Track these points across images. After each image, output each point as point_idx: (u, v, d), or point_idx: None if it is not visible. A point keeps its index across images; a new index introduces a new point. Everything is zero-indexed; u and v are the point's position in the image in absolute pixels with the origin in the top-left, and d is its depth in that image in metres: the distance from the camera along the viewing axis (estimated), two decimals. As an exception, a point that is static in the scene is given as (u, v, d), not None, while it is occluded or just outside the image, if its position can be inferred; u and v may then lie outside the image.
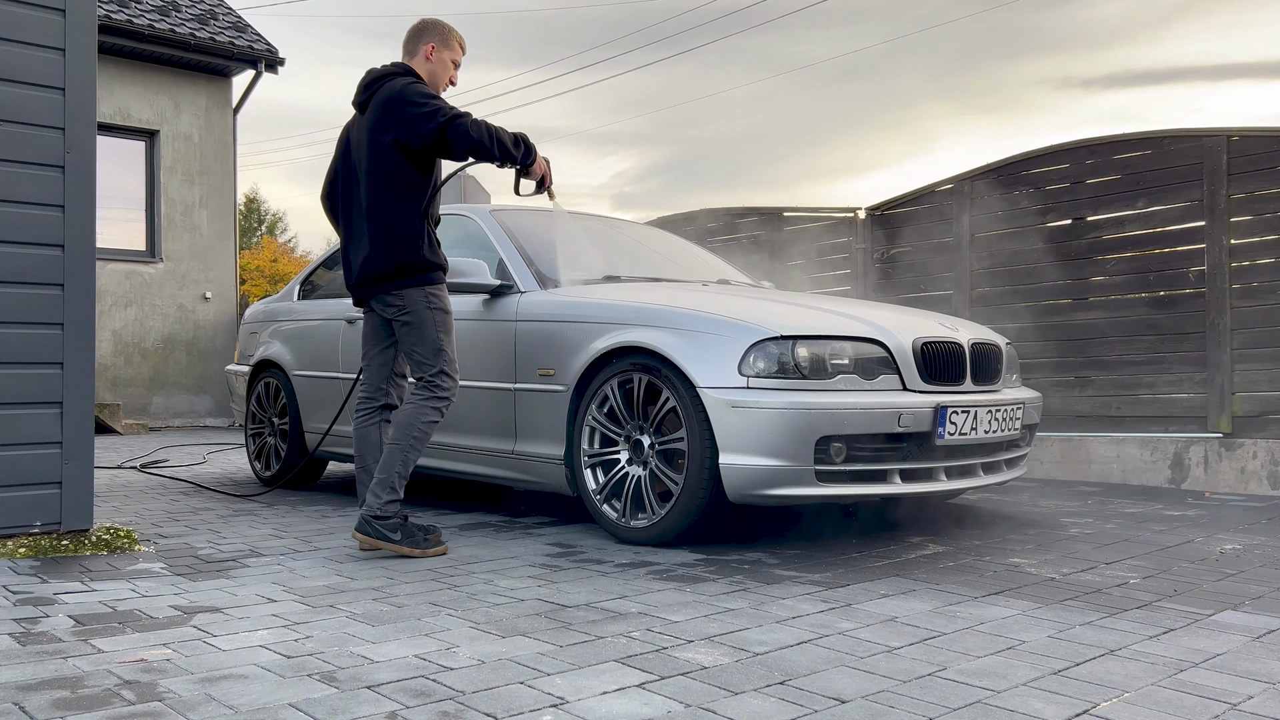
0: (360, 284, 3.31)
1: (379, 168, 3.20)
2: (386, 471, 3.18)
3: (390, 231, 3.21)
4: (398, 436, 3.20)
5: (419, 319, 3.23)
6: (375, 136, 3.20)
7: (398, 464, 3.18)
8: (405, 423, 3.20)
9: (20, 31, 3.16)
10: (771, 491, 3.09)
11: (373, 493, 3.17)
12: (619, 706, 1.75)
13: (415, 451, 3.20)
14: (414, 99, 3.15)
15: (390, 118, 3.17)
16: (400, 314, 3.25)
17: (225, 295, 10.67)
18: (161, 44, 9.86)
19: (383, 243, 3.22)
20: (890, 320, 3.48)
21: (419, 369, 3.26)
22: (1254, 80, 64.30)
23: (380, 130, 3.19)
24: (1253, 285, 5.07)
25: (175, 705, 1.74)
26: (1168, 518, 4.07)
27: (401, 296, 3.24)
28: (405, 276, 3.22)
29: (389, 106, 3.18)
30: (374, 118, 3.22)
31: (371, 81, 3.29)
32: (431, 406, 3.22)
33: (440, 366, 3.24)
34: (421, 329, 3.23)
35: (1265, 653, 2.10)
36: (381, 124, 3.19)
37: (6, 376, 3.12)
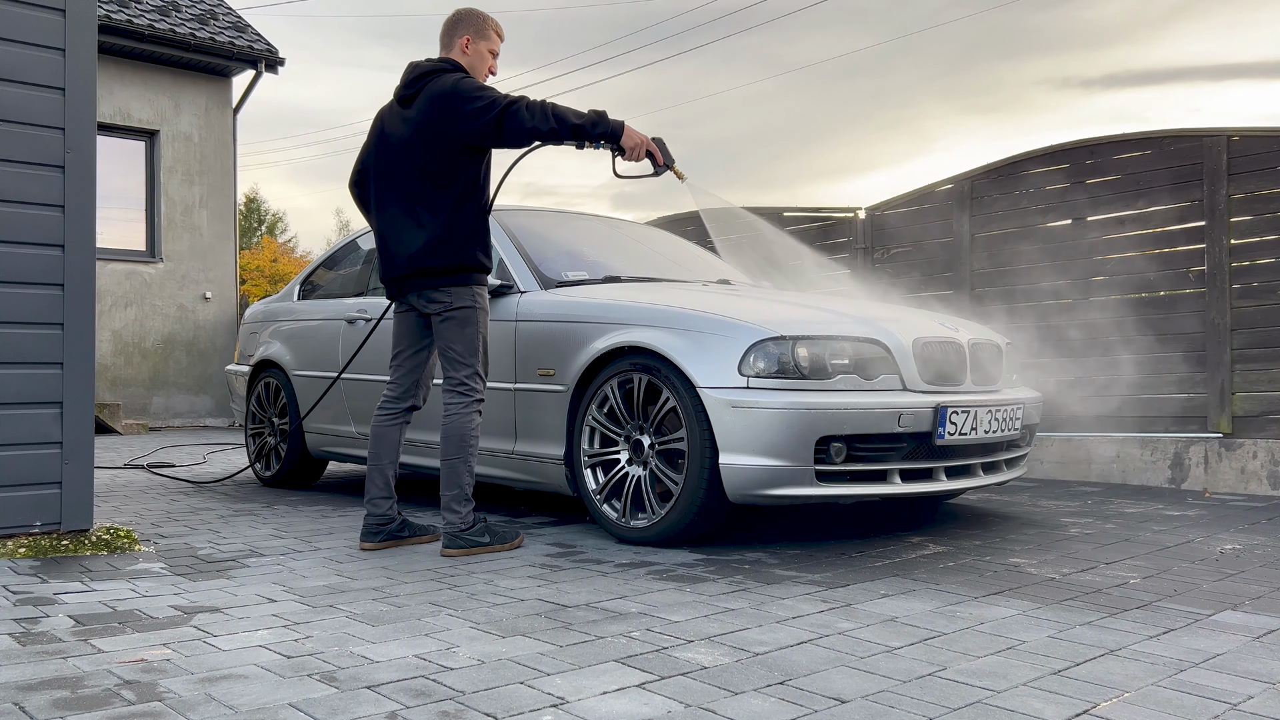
0: (404, 278, 3.22)
1: (431, 162, 3.15)
2: (456, 486, 3.19)
3: (445, 227, 3.15)
4: (454, 452, 3.18)
5: (463, 317, 3.19)
6: (426, 131, 3.14)
7: (465, 477, 3.20)
8: (457, 437, 3.18)
9: (20, 31, 3.16)
10: (771, 491, 3.09)
11: (451, 509, 3.19)
12: (619, 706, 1.75)
13: (473, 459, 3.22)
14: (467, 93, 3.09)
15: (444, 114, 3.11)
16: (445, 310, 3.19)
17: (225, 295, 10.68)
18: (161, 44, 9.86)
19: (436, 238, 3.15)
20: (890, 320, 3.48)
21: (452, 367, 3.21)
22: (1253, 80, 64.33)
23: (432, 125, 3.13)
24: (1253, 285, 5.07)
25: (175, 705, 1.74)
26: (1168, 518, 4.07)
27: (449, 293, 3.18)
28: (456, 274, 3.17)
29: (442, 102, 3.11)
30: (424, 112, 3.15)
31: (418, 76, 3.21)
32: (473, 413, 3.21)
33: (475, 368, 3.22)
34: (463, 327, 3.19)
35: (1265, 653, 2.10)
36: (434, 119, 3.12)
37: (6, 376, 3.12)
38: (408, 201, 3.19)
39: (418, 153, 3.16)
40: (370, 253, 4.93)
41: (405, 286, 3.24)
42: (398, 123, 3.24)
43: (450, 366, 3.23)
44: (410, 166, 3.18)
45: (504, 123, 3.05)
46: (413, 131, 3.17)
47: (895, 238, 6.56)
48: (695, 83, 65.86)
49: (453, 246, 3.16)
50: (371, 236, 4.96)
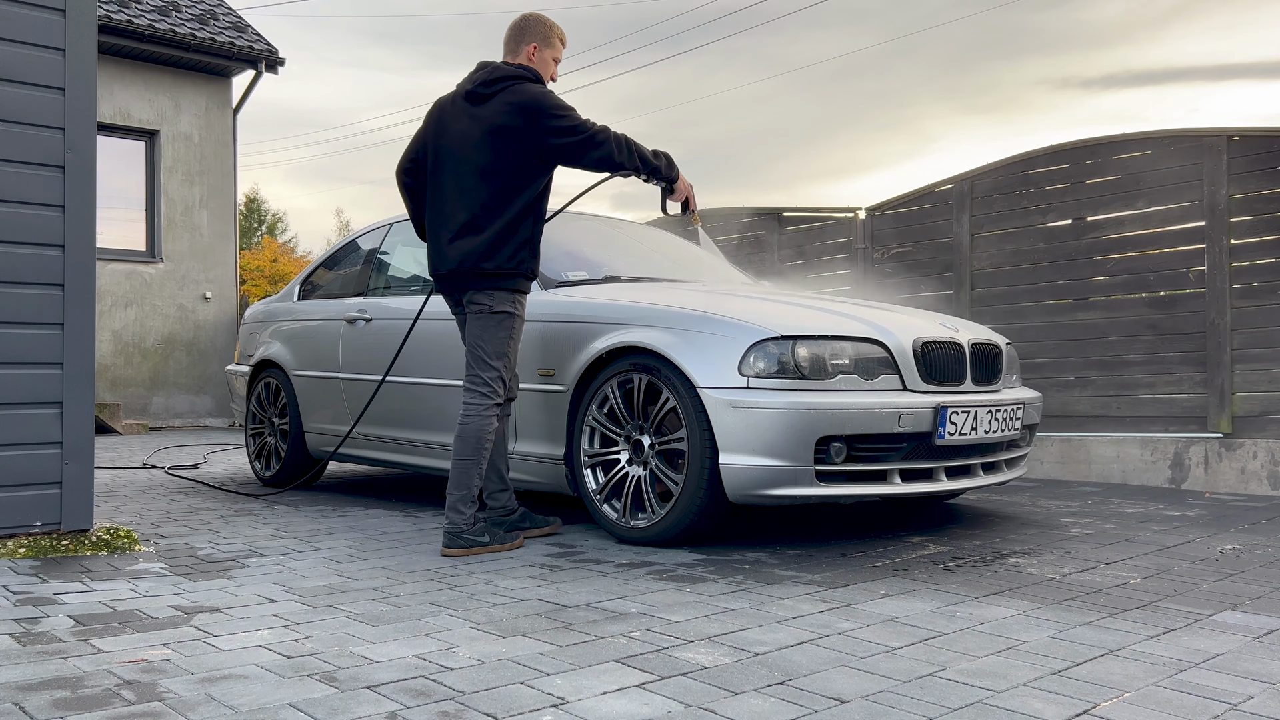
0: (457, 276, 3.22)
1: (498, 164, 3.16)
2: (465, 487, 3.20)
3: (504, 231, 3.17)
4: (468, 453, 3.19)
5: (499, 320, 3.21)
6: (501, 134, 3.15)
7: (475, 478, 3.21)
8: (474, 438, 3.19)
9: (20, 31, 3.16)
10: (771, 491, 3.09)
11: (455, 510, 3.19)
12: (619, 706, 1.75)
13: (485, 460, 3.23)
14: (555, 110, 3.14)
15: (527, 123, 3.14)
16: (484, 310, 3.20)
17: (225, 295, 10.68)
18: (161, 44, 9.86)
19: (494, 241, 3.16)
20: (890, 320, 3.48)
21: (478, 365, 3.22)
22: (1253, 80, 64.32)
23: (510, 130, 3.14)
24: (1253, 285, 5.07)
25: (175, 705, 1.74)
26: (1168, 518, 4.07)
27: (492, 296, 3.20)
28: (506, 278, 3.20)
29: (525, 112, 3.14)
30: (502, 115, 3.15)
31: (497, 79, 3.21)
32: (491, 416, 3.22)
33: (500, 371, 3.22)
34: (497, 329, 3.21)
35: (1265, 653, 2.10)
36: (513, 125, 3.14)
37: (6, 376, 3.12)
38: (468, 199, 3.19)
39: (485, 152, 3.17)
40: (371, 253, 4.93)
41: (456, 285, 3.26)
42: (464, 119, 3.22)
43: (476, 364, 3.23)
44: (474, 164, 3.18)
45: (589, 149, 3.16)
46: (484, 131, 3.17)
47: (895, 238, 6.56)
48: (695, 83, 65.89)
49: (508, 251, 3.18)
50: (371, 237, 4.98)
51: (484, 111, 3.19)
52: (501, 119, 3.15)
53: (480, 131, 3.18)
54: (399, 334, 4.36)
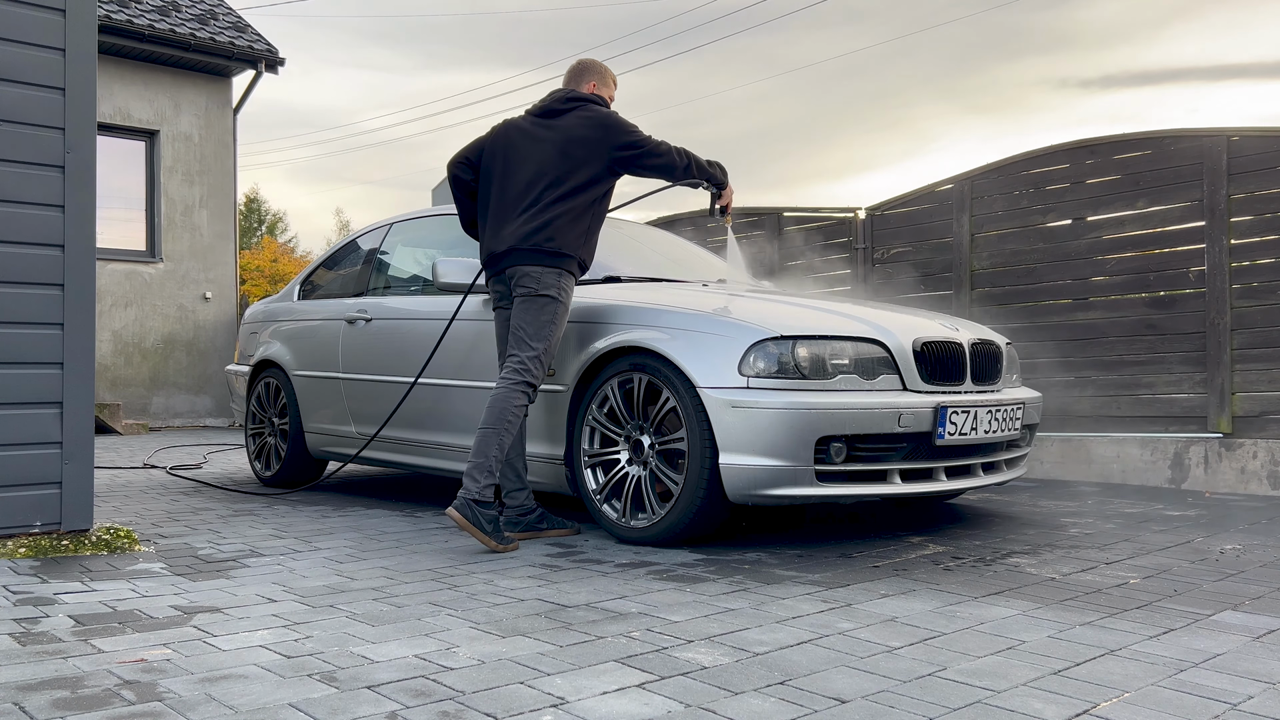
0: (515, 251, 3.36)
1: (567, 173, 3.40)
2: (483, 455, 3.24)
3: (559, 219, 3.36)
4: (492, 421, 3.25)
5: (542, 303, 3.33)
6: (573, 146, 3.42)
7: (494, 448, 3.25)
8: (499, 406, 3.27)
9: (20, 31, 3.16)
10: (771, 491, 3.09)
11: (471, 477, 3.22)
12: (619, 706, 1.75)
13: (509, 435, 3.27)
14: (625, 126, 3.46)
15: (598, 134, 3.42)
16: (530, 292, 3.33)
17: (225, 295, 10.68)
18: (161, 44, 9.86)
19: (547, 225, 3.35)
20: (890, 320, 3.48)
21: (517, 345, 3.32)
22: (1251, 80, 64.30)
23: (583, 142, 3.42)
24: (1253, 285, 5.07)
25: (175, 705, 1.74)
26: (1168, 518, 4.07)
27: (537, 276, 3.33)
28: (552, 255, 3.34)
29: (598, 125, 3.44)
30: (577, 129, 3.44)
31: (573, 99, 3.53)
32: (522, 390, 3.29)
33: (538, 352, 3.31)
34: (540, 312, 3.32)
35: (1265, 653, 2.10)
36: (585, 136, 3.42)
37: (6, 376, 3.12)
38: (531, 199, 3.41)
39: (556, 158, 3.42)
40: (371, 253, 4.93)
41: (511, 260, 3.38)
42: (537, 131, 3.50)
43: (516, 344, 3.34)
44: (545, 167, 3.42)
45: (650, 158, 3.46)
46: (558, 140, 3.44)
47: (895, 238, 6.56)
48: (695, 83, 65.89)
49: (568, 236, 3.37)
50: (371, 237, 4.98)
51: (559, 123, 3.49)
52: (576, 131, 3.44)
53: (554, 141, 3.45)
54: (399, 334, 4.36)
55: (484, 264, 3.53)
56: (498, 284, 3.51)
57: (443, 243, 4.49)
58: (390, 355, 4.39)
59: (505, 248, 3.39)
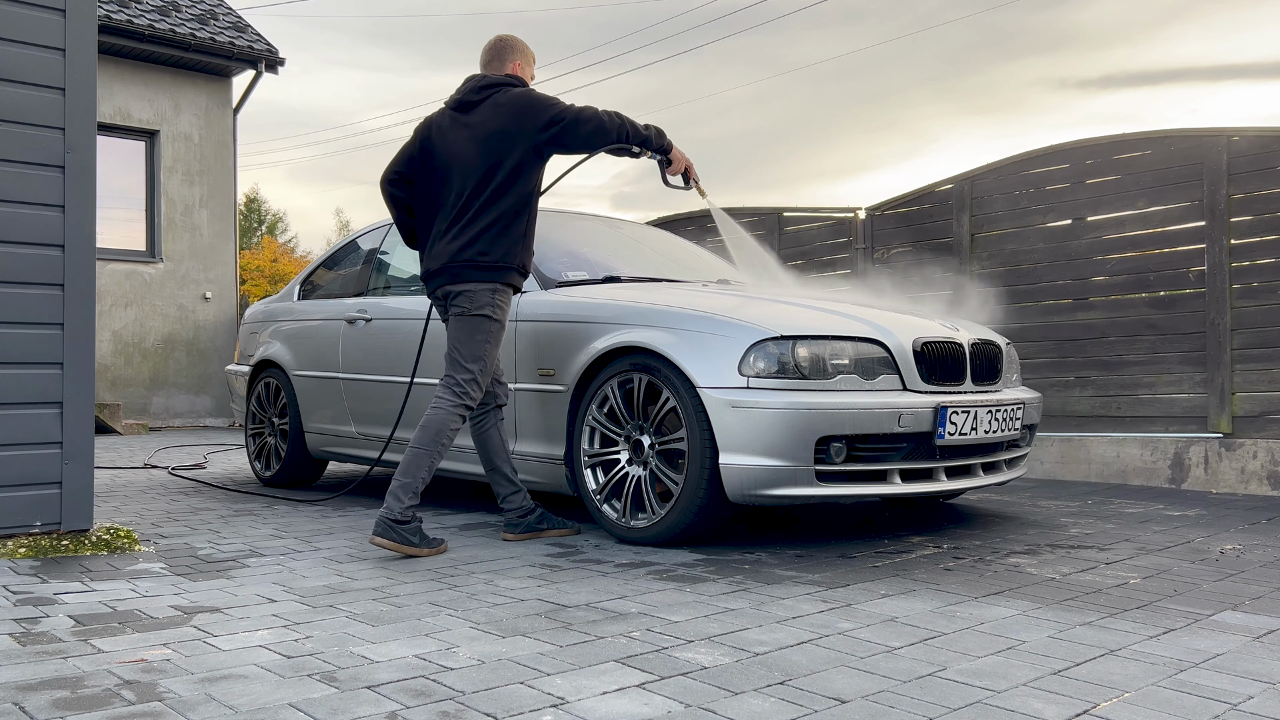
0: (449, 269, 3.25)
1: (491, 168, 3.23)
2: (411, 476, 3.16)
3: (492, 228, 3.23)
4: (425, 442, 3.18)
5: (475, 323, 3.24)
6: (494, 138, 3.24)
7: (424, 470, 3.18)
8: (434, 429, 3.19)
9: (20, 31, 3.16)
10: (771, 491, 3.09)
11: (394, 496, 3.13)
12: (619, 706, 1.75)
13: (439, 457, 3.21)
14: (544, 101, 3.26)
15: (519, 120, 3.23)
16: (463, 312, 3.24)
17: (225, 295, 10.68)
18: (161, 44, 9.86)
19: (480, 236, 3.22)
20: (890, 320, 3.48)
21: (452, 367, 3.26)
22: (1251, 81, 64.28)
23: (502, 132, 3.24)
24: (1253, 285, 5.07)
25: (175, 705, 1.74)
26: (1168, 518, 4.07)
27: (471, 296, 3.22)
28: (487, 270, 3.23)
29: (515, 112, 3.24)
30: (493, 121, 3.25)
31: (484, 86, 3.33)
32: (458, 414, 3.23)
33: (474, 374, 3.24)
34: (474, 332, 3.24)
35: (1265, 653, 2.10)
36: (505, 126, 3.24)
37: (6, 376, 3.12)
38: (458, 208, 3.27)
39: (480, 156, 3.24)
40: (371, 253, 4.93)
41: (446, 278, 3.27)
42: (457, 128, 3.32)
43: (450, 366, 3.27)
44: (471, 169, 3.25)
45: (579, 127, 3.23)
46: (478, 137, 3.26)
47: (895, 238, 6.56)
48: (694, 83, 65.90)
49: (502, 247, 3.24)
50: (371, 237, 4.98)
51: (475, 118, 3.29)
52: (492, 123, 3.25)
53: (472, 139, 3.27)
54: (399, 334, 4.36)
55: (425, 281, 3.37)
56: (434, 299, 3.41)
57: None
58: (390, 355, 4.39)
59: (438, 265, 3.27)
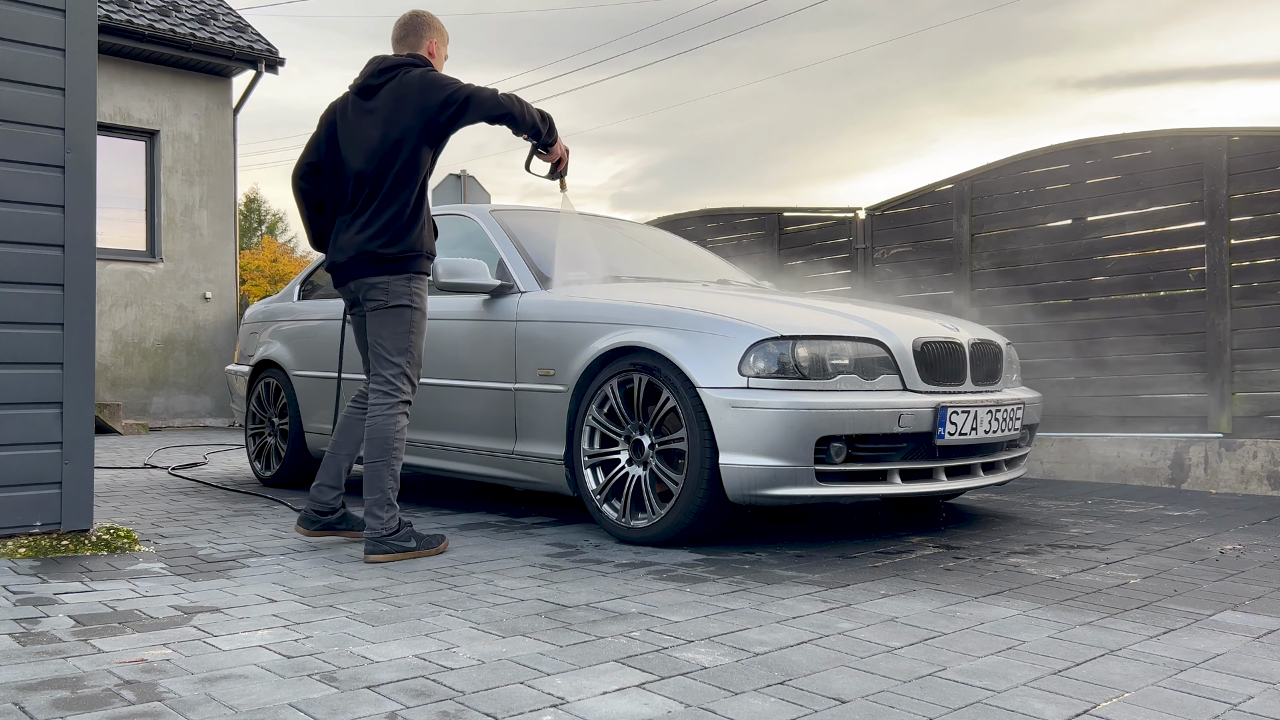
0: (357, 263, 3.20)
1: (394, 154, 3.16)
2: (380, 490, 3.13)
3: (398, 217, 3.17)
4: (377, 455, 3.14)
5: (396, 313, 3.18)
6: (396, 123, 3.16)
7: (389, 481, 3.15)
8: (380, 439, 3.15)
9: (20, 31, 3.16)
10: (771, 491, 3.09)
11: (372, 515, 3.11)
12: (619, 706, 1.75)
13: (398, 460, 3.18)
14: (437, 85, 3.16)
15: (416, 104, 3.15)
16: (381, 305, 3.18)
17: (225, 295, 10.68)
18: (161, 44, 9.86)
19: (387, 226, 3.16)
20: (890, 320, 3.48)
21: (379, 364, 3.20)
22: (1250, 81, 64.24)
23: (404, 116, 3.16)
24: (1253, 285, 5.07)
25: (175, 705, 1.74)
26: (1168, 518, 4.07)
27: (386, 288, 3.17)
28: (398, 261, 3.17)
29: (413, 94, 3.16)
30: (391, 106, 3.18)
31: (384, 69, 3.24)
32: (399, 414, 3.18)
33: (401, 367, 3.19)
34: (395, 323, 3.18)
35: (1265, 653, 2.10)
36: (406, 109, 3.16)
37: (6, 376, 3.12)
38: (363, 197, 3.20)
39: (380, 150, 3.17)
40: None
41: (355, 272, 3.22)
42: (359, 115, 3.24)
43: (377, 363, 3.20)
44: (369, 162, 3.18)
45: (475, 104, 3.15)
46: (379, 122, 3.18)
47: (895, 238, 6.56)
48: (693, 83, 65.89)
49: (401, 236, 3.17)
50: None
51: (376, 104, 3.21)
52: (391, 108, 3.17)
53: (375, 124, 3.19)
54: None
55: (331, 274, 3.32)
56: (344, 293, 3.35)
57: (443, 242, 4.49)
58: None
59: (345, 258, 3.20)
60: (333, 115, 3.34)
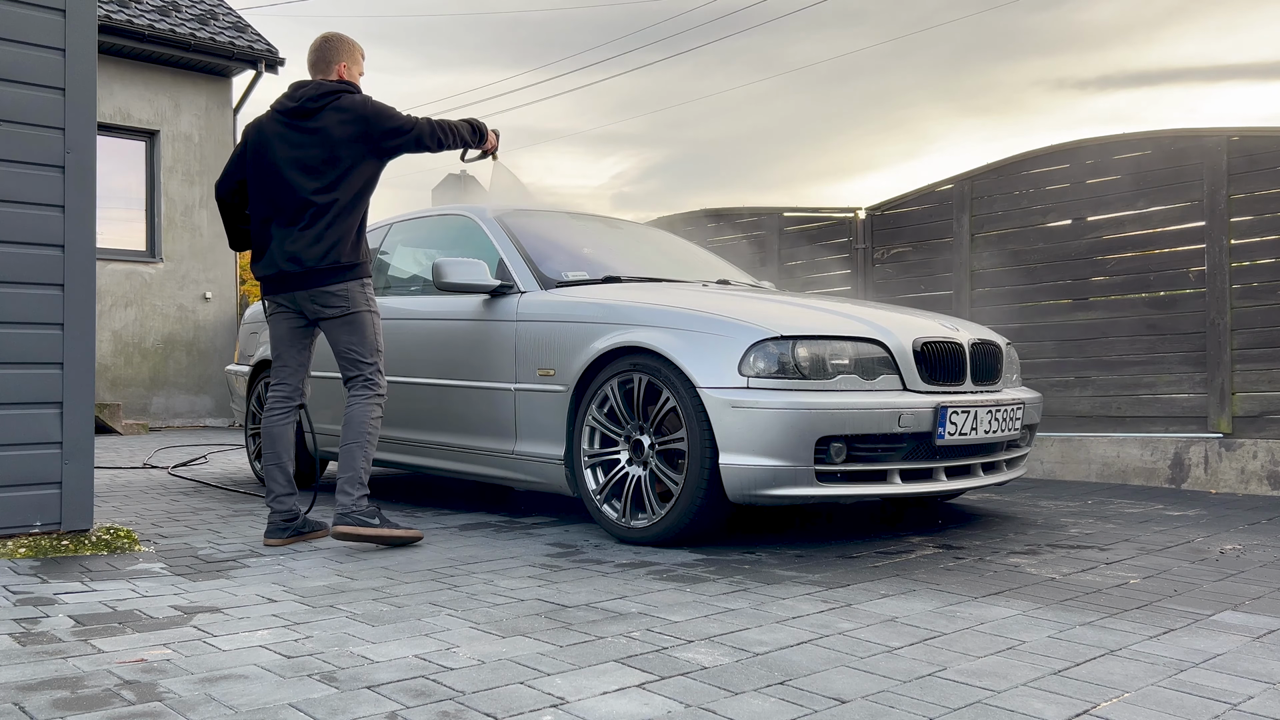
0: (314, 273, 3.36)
1: (335, 171, 3.36)
2: (352, 469, 3.35)
3: (343, 229, 3.38)
4: (354, 436, 3.39)
5: (360, 320, 3.43)
6: (339, 143, 3.36)
7: (361, 461, 3.37)
8: (358, 422, 3.40)
9: (20, 31, 3.16)
10: (771, 491, 3.09)
11: (343, 492, 3.32)
12: (619, 706, 1.75)
13: (372, 447, 3.42)
14: (382, 114, 3.41)
15: (360, 129, 3.37)
16: (343, 313, 3.40)
17: (225, 295, 10.67)
18: (161, 44, 9.86)
19: (333, 239, 3.35)
20: (890, 320, 3.48)
21: (355, 367, 3.44)
22: (1249, 81, 64.26)
23: (348, 138, 3.37)
24: (1253, 285, 5.07)
25: (175, 705, 1.74)
26: (1168, 518, 4.07)
27: (344, 296, 3.39)
28: (348, 270, 3.39)
29: (358, 120, 3.37)
30: (336, 128, 3.36)
31: (323, 94, 3.41)
32: (375, 404, 3.44)
33: (376, 364, 3.46)
34: (363, 330, 3.43)
35: (1265, 653, 2.10)
36: (350, 133, 3.37)
37: (6, 376, 3.12)
38: (310, 212, 3.36)
39: (326, 170, 3.37)
40: (371, 254, 4.92)
41: (307, 282, 3.39)
42: (294, 135, 3.40)
43: (353, 367, 3.45)
44: (314, 180, 3.36)
45: (417, 139, 3.47)
46: (320, 146, 3.37)
47: (895, 238, 6.56)
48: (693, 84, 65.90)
49: (350, 247, 3.40)
50: (370, 238, 4.97)
51: (316, 125, 3.39)
52: (337, 131, 3.37)
53: (317, 144, 3.37)
54: (399, 334, 4.36)
55: (271, 283, 3.45)
56: (280, 298, 3.48)
57: (443, 243, 4.49)
58: (390, 355, 4.39)
59: (303, 268, 3.36)
60: (260, 136, 3.46)
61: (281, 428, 3.52)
